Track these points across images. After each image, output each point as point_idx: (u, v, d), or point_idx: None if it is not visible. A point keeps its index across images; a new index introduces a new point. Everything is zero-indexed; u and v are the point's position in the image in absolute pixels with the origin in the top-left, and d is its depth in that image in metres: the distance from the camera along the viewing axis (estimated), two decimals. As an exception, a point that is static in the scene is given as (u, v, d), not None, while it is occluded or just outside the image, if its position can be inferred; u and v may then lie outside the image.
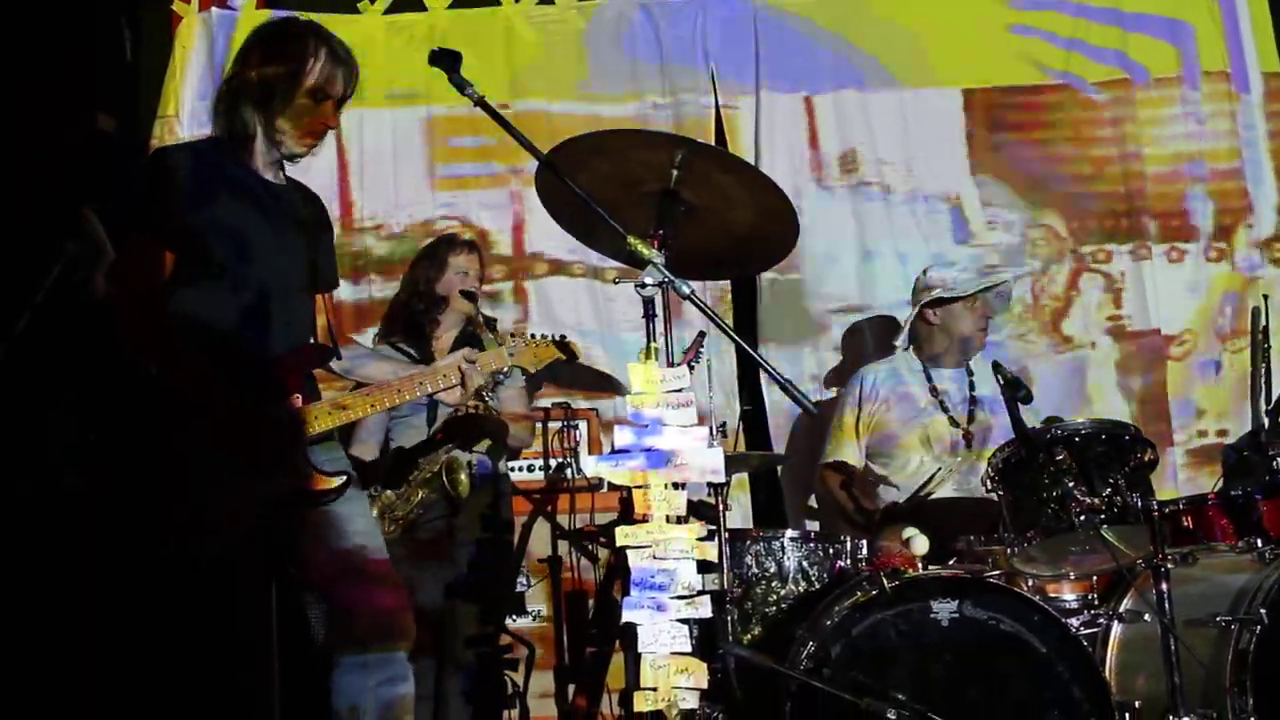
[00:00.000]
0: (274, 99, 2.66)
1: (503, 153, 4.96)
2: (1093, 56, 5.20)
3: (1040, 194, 5.13)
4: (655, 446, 2.36)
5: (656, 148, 2.83)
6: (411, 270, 4.24)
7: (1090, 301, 5.07)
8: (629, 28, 5.16)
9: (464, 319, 4.09)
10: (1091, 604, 3.55)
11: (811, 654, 3.02)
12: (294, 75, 2.67)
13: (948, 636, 3.06)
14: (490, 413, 3.74)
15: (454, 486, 3.76)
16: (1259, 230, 5.11)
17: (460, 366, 3.24)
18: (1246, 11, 5.18)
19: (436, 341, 4.10)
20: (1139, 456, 3.32)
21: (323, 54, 2.70)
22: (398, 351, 4.06)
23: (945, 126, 5.15)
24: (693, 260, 3.00)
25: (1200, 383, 5.02)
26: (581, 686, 3.45)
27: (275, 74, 2.66)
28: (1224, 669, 3.13)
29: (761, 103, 5.11)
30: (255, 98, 2.67)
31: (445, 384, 3.23)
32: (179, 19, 5.10)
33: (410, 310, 4.13)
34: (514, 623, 4.15)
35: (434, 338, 4.10)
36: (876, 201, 5.09)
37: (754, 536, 3.50)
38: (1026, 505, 3.30)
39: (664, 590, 2.32)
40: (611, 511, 4.10)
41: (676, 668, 2.32)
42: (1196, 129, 5.12)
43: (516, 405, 4.11)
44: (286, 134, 2.71)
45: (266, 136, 2.72)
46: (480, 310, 3.88)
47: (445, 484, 3.75)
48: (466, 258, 4.12)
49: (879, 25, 5.19)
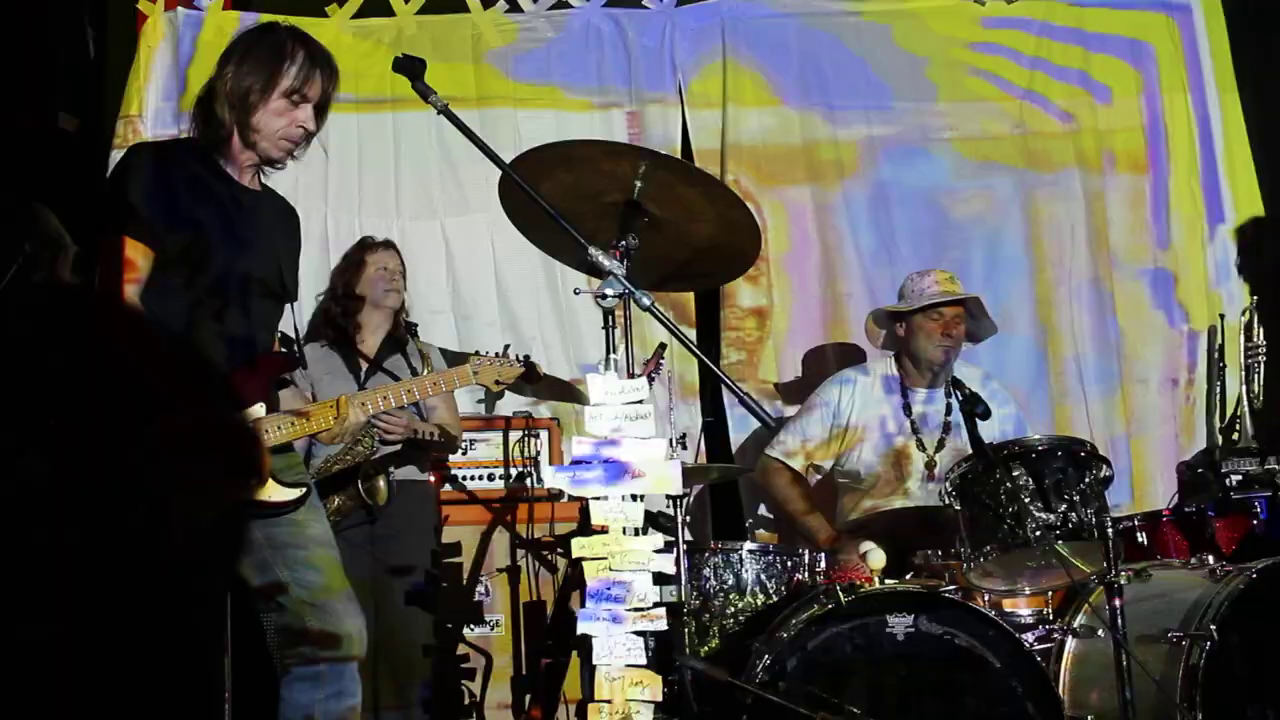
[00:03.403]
0: (249, 99, 2.63)
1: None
2: (1056, 75, 5.26)
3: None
4: (613, 458, 2.36)
5: (620, 158, 2.84)
6: (333, 275, 4.26)
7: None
8: (597, 37, 5.17)
9: (389, 321, 4.10)
10: (1047, 619, 3.57)
11: (767, 667, 3.02)
12: (269, 76, 2.64)
13: (903, 650, 3.07)
14: (369, 456, 3.74)
15: (370, 495, 3.76)
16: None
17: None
18: (1205, 34, 5.24)
19: (362, 345, 4.10)
20: (1094, 473, 3.35)
21: (300, 56, 2.67)
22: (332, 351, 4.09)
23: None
24: (655, 272, 3.02)
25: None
26: (537, 697, 3.45)
27: (250, 74, 2.64)
28: (1175, 685, 3.15)
29: (728, 115, 5.12)
30: (231, 99, 2.65)
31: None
32: (144, 18, 5.06)
33: (330, 314, 4.15)
34: (472, 632, 4.14)
35: (358, 340, 4.10)
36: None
37: (713, 549, 3.50)
38: (983, 520, 3.32)
39: (619, 602, 2.32)
40: (572, 521, 4.10)
41: (631, 680, 2.31)
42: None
43: (444, 413, 4.10)
44: (262, 135, 2.68)
45: (242, 138, 2.69)
46: (406, 316, 3.93)
47: (361, 492, 3.75)
48: (383, 255, 4.13)
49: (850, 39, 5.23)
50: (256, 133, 2.67)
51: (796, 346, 5.00)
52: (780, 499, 4.24)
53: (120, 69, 5.02)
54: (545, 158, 2.84)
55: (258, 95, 2.64)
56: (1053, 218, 5.13)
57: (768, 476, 4.29)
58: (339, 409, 2.86)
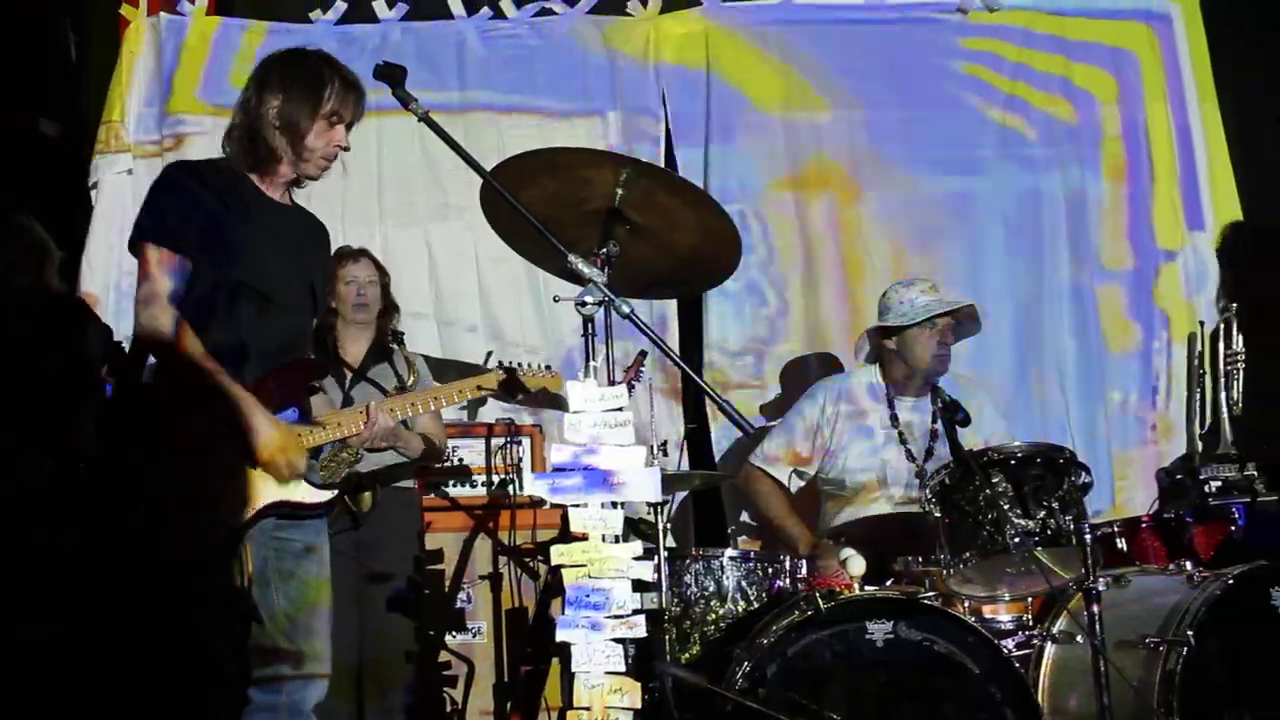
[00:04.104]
0: (299, 125, 2.79)
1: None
2: (1037, 83, 5.28)
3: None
4: (593, 465, 2.37)
5: (602, 166, 2.85)
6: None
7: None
8: (582, 44, 5.18)
9: (370, 329, 4.11)
10: (1026, 625, 3.58)
11: (747, 674, 3.02)
12: (315, 103, 2.80)
13: (883, 657, 3.08)
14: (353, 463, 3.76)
15: (355, 502, 3.76)
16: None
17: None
18: (1185, 44, 5.28)
19: (345, 355, 4.10)
20: (1073, 479, 3.37)
21: (336, 80, 2.83)
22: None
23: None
24: (638, 279, 3.04)
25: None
26: (517, 704, 3.45)
27: (297, 101, 2.80)
28: (1152, 690, 3.18)
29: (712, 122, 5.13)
30: (280, 123, 2.79)
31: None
32: (126, 23, 5.04)
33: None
34: (454, 639, 4.13)
35: (340, 350, 4.09)
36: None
37: (694, 555, 3.50)
38: (963, 527, 3.33)
39: (599, 610, 2.33)
40: (554, 528, 4.10)
41: (611, 687, 2.32)
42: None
43: (429, 422, 4.09)
44: (315, 153, 2.83)
45: (293, 159, 2.82)
46: (394, 325, 3.92)
47: (347, 500, 3.75)
48: (353, 267, 4.12)
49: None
50: (311, 150, 2.82)
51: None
52: (762, 506, 4.25)
53: (102, 74, 5.00)
54: (527, 165, 2.86)
55: (307, 121, 2.79)
56: (1034, 224, 5.15)
57: (750, 484, 4.28)
58: (369, 414, 2.90)
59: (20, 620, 3.17)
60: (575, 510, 2.35)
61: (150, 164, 4.87)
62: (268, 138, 2.79)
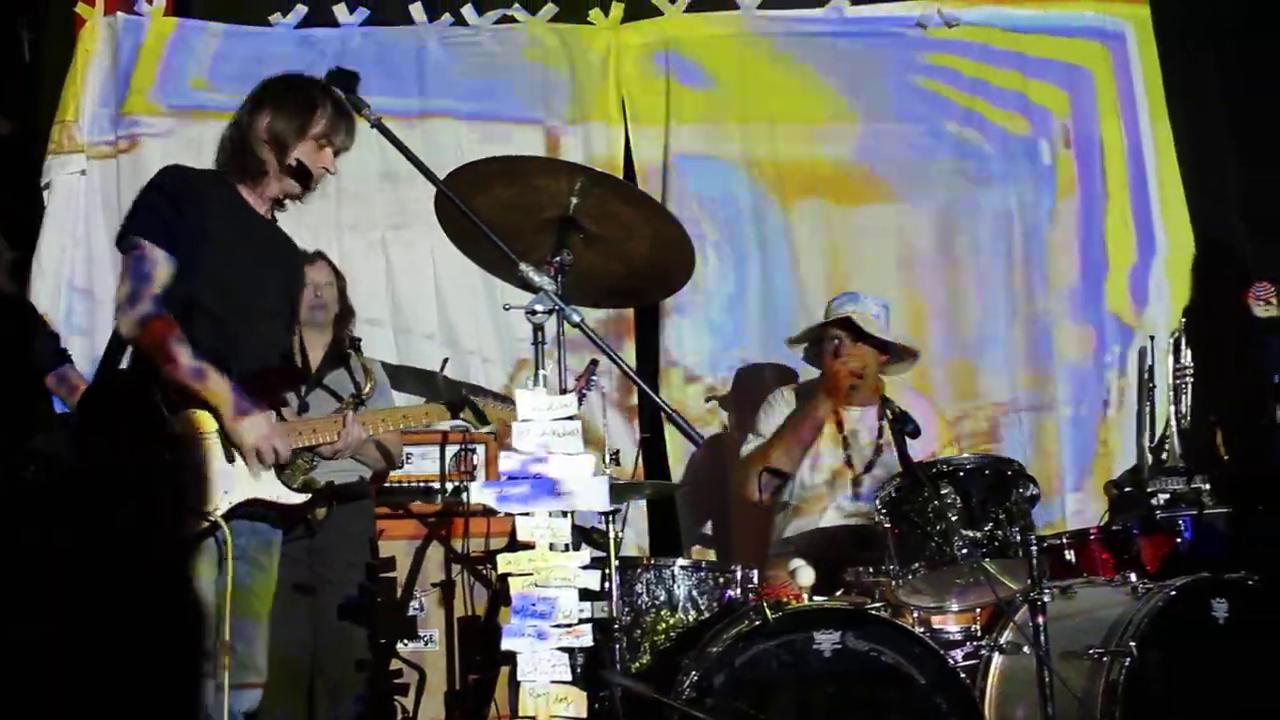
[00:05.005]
0: (285, 141, 2.91)
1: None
2: (995, 99, 5.33)
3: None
4: (541, 474, 2.36)
5: (557, 174, 2.86)
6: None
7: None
8: (542, 52, 5.18)
9: (327, 334, 4.10)
10: (974, 636, 3.61)
11: (695, 683, 3.02)
12: (303, 123, 2.93)
13: (830, 667, 3.08)
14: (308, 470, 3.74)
15: (311, 509, 3.73)
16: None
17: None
18: (1138, 62, 5.35)
19: (301, 360, 4.06)
20: (1021, 491, 3.40)
21: (329, 105, 2.94)
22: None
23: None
24: (592, 288, 3.04)
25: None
26: (465, 712, 3.44)
27: (285, 119, 2.92)
28: (1096, 700, 3.21)
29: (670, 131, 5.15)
30: (268, 138, 2.91)
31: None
32: (82, 22, 4.99)
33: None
34: (406, 647, 4.11)
35: (298, 355, 4.07)
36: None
37: (645, 564, 3.50)
38: (912, 538, 3.36)
39: (545, 618, 2.32)
40: (507, 536, 4.08)
41: (556, 696, 2.32)
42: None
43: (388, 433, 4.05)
44: (300, 171, 2.94)
45: (280, 173, 2.93)
46: (350, 331, 3.91)
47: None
48: (310, 269, 4.10)
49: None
50: (293, 165, 2.94)
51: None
52: (774, 453, 4.11)
53: (56, 73, 4.94)
54: (481, 172, 2.85)
55: (293, 138, 2.92)
56: (988, 239, 5.20)
57: (749, 468, 4.17)
58: (345, 423, 3.03)
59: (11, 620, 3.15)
60: (522, 519, 2.35)
61: (104, 165, 4.83)
62: (256, 151, 2.91)
